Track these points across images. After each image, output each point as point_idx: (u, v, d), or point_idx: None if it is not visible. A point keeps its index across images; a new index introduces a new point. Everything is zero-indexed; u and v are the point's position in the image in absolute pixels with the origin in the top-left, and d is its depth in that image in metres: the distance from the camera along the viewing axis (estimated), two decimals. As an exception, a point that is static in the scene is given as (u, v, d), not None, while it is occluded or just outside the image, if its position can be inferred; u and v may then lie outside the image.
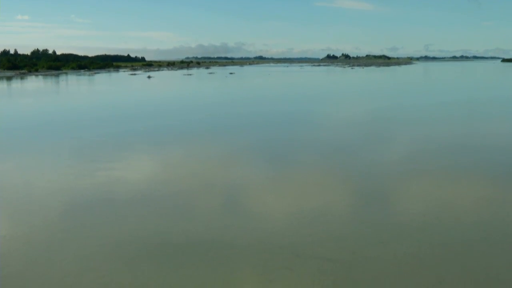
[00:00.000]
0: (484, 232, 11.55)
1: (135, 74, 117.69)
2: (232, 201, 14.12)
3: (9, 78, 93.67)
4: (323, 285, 9.09)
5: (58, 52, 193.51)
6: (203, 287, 9.04)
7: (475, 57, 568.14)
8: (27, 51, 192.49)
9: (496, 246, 10.68)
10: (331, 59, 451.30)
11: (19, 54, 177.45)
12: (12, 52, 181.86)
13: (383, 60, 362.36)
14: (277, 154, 20.22)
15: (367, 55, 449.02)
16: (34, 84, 78.08)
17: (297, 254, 10.34)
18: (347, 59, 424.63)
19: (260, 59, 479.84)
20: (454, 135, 25.17)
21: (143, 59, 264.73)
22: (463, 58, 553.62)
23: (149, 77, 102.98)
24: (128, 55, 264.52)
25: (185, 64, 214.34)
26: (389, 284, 9.11)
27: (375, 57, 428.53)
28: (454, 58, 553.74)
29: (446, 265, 9.83)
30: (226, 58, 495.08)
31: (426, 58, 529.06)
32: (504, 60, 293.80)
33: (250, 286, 9.05)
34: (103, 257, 10.41)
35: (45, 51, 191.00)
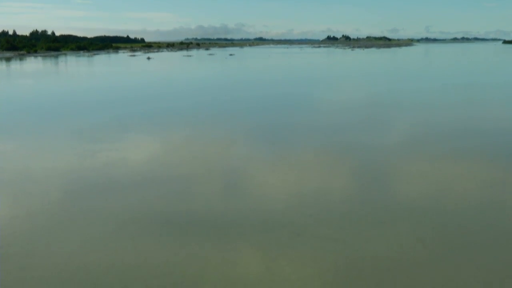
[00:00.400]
0: (485, 214, 11.67)
1: (134, 56, 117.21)
2: (233, 182, 14.21)
3: (8, 59, 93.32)
4: (324, 264, 9.21)
5: (57, 33, 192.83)
6: (206, 265, 9.15)
7: (476, 39, 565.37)
8: (26, 32, 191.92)
9: (496, 228, 10.80)
10: (331, 40, 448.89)
11: (18, 35, 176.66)
12: (10, 33, 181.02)
13: (384, 42, 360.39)
14: (278, 136, 20.27)
15: (367, 37, 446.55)
16: (33, 65, 77.83)
17: (299, 234, 10.45)
18: (347, 41, 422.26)
19: (260, 41, 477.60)
20: (455, 118, 25.20)
21: (142, 40, 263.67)
22: (464, 39, 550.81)
23: (148, 58, 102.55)
24: (128, 36, 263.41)
25: (185, 45, 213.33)
26: (390, 263, 9.22)
27: (375, 38, 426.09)
28: (455, 39, 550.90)
29: (446, 245, 9.94)
30: (226, 39, 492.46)
31: (427, 40, 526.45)
32: (505, 42, 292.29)
33: (253, 264, 9.17)
34: (107, 236, 10.52)
35: (44, 32, 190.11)
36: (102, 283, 8.63)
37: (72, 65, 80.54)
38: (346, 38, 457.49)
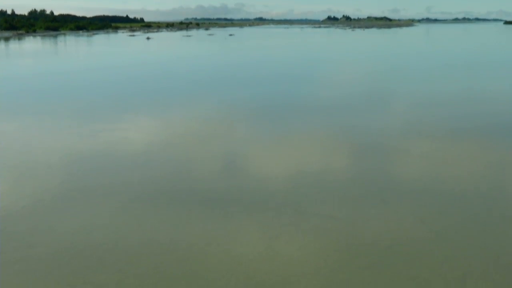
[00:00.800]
0: (485, 194, 11.81)
1: (134, 36, 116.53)
2: (235, 161, 14.32)
3: (6, 39, 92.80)
4: (326, 242, 9.36)
5: (56, 13, 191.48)
6: (209, 243, 9.30)
7: (477, 19, 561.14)
8: (24, 11, 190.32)
9: (496, 208, 10.94)
10: (331, 21, 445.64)
11: (16, 15, 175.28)
12: (9, 12, 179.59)
13: (384, 22, 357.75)
14: (279, 115, 20.33)
15: (368, 17, 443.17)
16: (32, 45, 77.46)
17: (301, 212, 10.60)
18: (348, 21, 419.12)
19: (260, 21, 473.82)
20: (456, 98, 25.24)
21: (142, 20, 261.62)
22: (465, 20, 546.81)
23: (148, 38, 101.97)
24: (127, 16, 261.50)
25: (184, 25, 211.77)
26: (390, 240, 9.38)
27: (376, 19, 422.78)
28: (456, 20, 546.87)
29: (445, 223, 10.09)
30: (225, 19, 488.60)
31: (427, 20, 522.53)
32: (506, 23, 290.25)
33: (256, 242, 9.32)
34: (111, 215, 10.66)
35: (42, 12, 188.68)
36: (107, 260, 8.77)
37: (72, 45, 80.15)
38: (347, 18, 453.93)
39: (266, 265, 8.56)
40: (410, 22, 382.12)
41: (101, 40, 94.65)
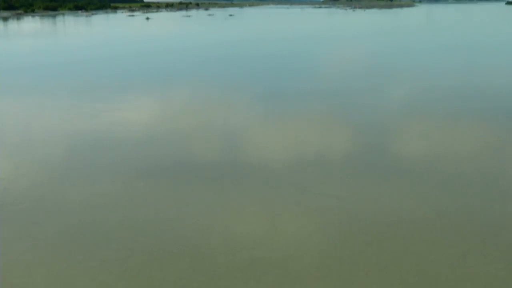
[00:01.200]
0: (484, 171, 11.92)
1: (133, 16, 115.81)
2: (238, 142, 14.38)
3: (5, 19, 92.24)
4: (328, 219, 9.48)
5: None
6: (213, 220, 9.42)
7: (479, 0, 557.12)
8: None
9: (494, 185, 11.06)
10: (332, 1, 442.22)
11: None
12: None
13: (385, 2, 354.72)
14: (280, 96, 20.31)
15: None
16: (31, 25, 77.05)
17: (303, 191, 10.71)
18: (348, 1, 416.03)
19: (261, 1, 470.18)
20: (457, 79, 25.20)
21: (141, 0, 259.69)
22: (467, 0, 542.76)
23: (147, 18, 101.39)
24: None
25: (184, 5, 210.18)
26: (391, 217, 9.51)
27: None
28: (457, 0, 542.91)
29: (446, 201, 10.22)
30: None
31: (429, 1, 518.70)
32: (508, 3, 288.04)
33: (260, 220, 9.44)
34: (116, 192, 10.80)
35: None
36: (113, 237, 8.90)
37: (71, 25, 79.70)
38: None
39: (269, 242, 8.69)
40: (411, 3, 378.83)
41: (100, 21, 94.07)
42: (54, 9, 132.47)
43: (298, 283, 7.55)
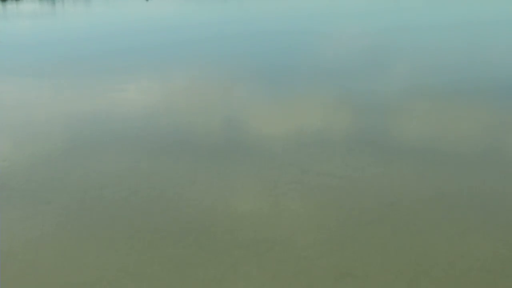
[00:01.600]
0: (485, 151, 12.02)
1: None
2: (238, 122, 14.46)
3: (3, 0, 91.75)
4: (330, 198, 9.62)
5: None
6: (216, 199, 9.56)
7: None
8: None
9: (495, 165, 11.18)
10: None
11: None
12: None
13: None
14: (280, 76, 20.35)
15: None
16: (30, 6, 76.59)
17: (305, 171, 10.84)
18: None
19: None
20: (457, 57, 25.19)
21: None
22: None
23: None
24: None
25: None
26: (392, 197, 9.65)
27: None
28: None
29: (446, 181, 10.34)
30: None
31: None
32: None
33: (262, 199, 9.58)
34: (120, 171, 10.92)
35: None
36: (118, 216, 9.05)
37: (70, 4, 79.21)
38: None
39: (272, 221, 8.83)
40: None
41: (100, 1, 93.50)
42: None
43: (301, 260, 7.70)
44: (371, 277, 7.26)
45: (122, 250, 8.02)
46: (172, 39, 33.97)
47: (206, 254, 7.86)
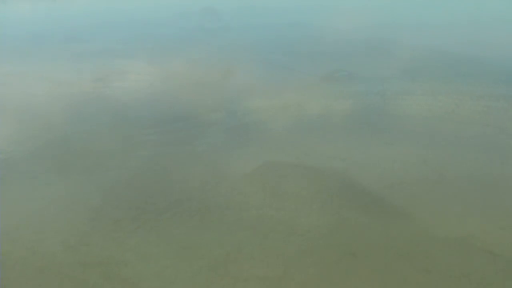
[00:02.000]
0: (486, 135, 12.13)
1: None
2: (239, 104, 14.53)
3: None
4: (331, 180, 9.78)
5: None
6: (219, 181, 9.72)
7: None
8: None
9: (496, 149, 11.30)
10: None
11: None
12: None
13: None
14: (278, 59, 20.36)
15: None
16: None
17: (307, 153, 11.00)
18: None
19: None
20: (457, 42, 25.16)
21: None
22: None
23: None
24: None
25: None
26: (393, 179, 9.81)
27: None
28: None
29: (447, 164, 10.49)
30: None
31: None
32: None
33: (265, 181, 9.74)
34: (124, 153, 11.06)
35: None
36: (123, 197, 9.22)
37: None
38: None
39: (276, 202, 9.00)
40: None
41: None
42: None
43: (304, 239, 7.88)
44: (373, 257, 7.43)
45: (129, 230, 8.18)
46: (173, 30, 33.89)
47: (211, 234, 8.05)
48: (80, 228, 8.27)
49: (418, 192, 9.27)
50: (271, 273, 7.13)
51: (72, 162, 10.63)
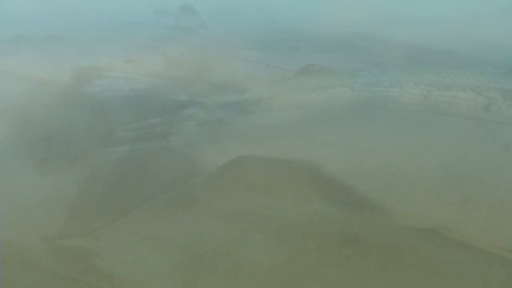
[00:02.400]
0: (487, 122, 12.37)
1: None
2: (238, 94, 14.62)
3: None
4: (335, 166, 9.98)
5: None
6: (222, 175, 10.02)
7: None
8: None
9: (497, 136, 11.52)
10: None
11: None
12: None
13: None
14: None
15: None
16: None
17: (309, 140, 11.30)
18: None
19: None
20: (458, 31, 25.02)
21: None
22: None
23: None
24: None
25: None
26: (396, 166, 10.05)
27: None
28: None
29: (448, 151, 10.73)
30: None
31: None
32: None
33: (267, 170, 10.12)
34: (129, 145, 11.43)
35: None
36: (128, 187, 9.59)
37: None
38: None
39: (279, 187, 9.28)
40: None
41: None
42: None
43: (305, 226, 8.08)
44: (375, 243, 7.67)
45: (135, 217, 8.45)
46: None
47: (216, 222, 8.29)
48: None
49: (420, 179, 9.46)
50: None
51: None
